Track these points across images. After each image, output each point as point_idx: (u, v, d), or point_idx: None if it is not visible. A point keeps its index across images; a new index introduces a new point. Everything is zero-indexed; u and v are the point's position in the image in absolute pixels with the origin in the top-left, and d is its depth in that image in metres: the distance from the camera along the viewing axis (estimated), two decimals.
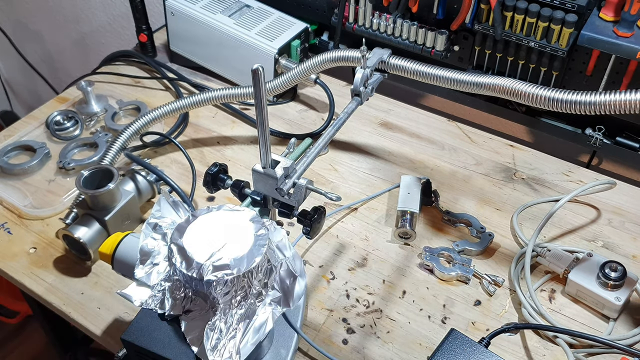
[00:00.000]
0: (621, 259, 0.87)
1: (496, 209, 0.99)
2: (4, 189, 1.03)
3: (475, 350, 0.69)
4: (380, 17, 1.14)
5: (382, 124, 1.17)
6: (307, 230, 0.70)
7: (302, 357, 0.79)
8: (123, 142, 1.00)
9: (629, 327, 0.82)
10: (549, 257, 0.87)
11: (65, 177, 1.05)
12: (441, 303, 0.85)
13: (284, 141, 1.13)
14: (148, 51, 1.33)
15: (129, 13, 1.45)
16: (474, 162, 1.08)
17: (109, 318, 0.84)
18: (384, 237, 0.95)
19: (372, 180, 1.05)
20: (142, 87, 1.27)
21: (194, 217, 0.67)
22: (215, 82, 1.27)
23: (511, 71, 1.09)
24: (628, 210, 0.98)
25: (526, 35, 1.01)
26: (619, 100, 0.72)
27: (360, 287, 0.87)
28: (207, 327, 0.63)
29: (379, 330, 0.82)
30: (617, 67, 0.99)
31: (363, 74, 0.86)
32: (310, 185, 0.71)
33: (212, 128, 1.17)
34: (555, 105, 0.78)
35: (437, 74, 0.88)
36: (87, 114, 1.17)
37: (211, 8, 1.22)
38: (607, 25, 0.92)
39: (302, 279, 0.67)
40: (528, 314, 0.82)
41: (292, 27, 1.19)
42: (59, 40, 2.09)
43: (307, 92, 1.25)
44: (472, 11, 1.04)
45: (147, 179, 0.97)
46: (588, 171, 1.06)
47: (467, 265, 0.88)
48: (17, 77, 2.39)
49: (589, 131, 1.07)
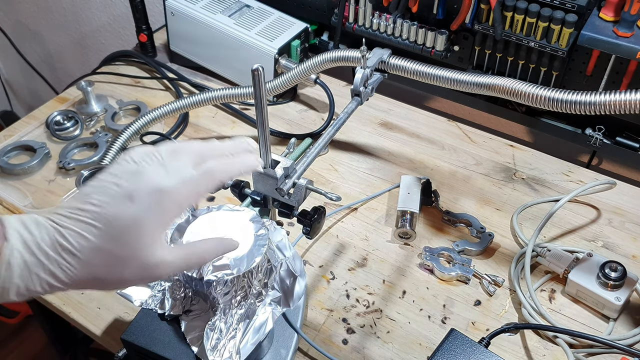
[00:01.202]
0: (621, 259, 0.87)
1: (496, 209, 0.99)
2: (4, 189, 1.03)
3: (475, 350, 0.69)
4: (380, 17, 1.14)
5: (382, 124, 1.17)
6: (307, 230, 0.70)
7: (302, 357, 0.79)
8: (123, 142, 1.00)
9: (629, 327, 0.82)
10: (549, 257, 0.87)
11: (65, 177, 1.05)
12: (441, 303, 0.85)
13: (284, 141, 1.13)
14: (148, 51, 1.33)
15: (129, 13, 1.45)
16: (474, 162, 1.08)
17: (109, 318, 0.84)
18: (384, 237, 0.95)
19: (372, 180, 1.05)
20: (142, 87, 1.27)
21: (194, 217, 0.67)
22: (215, 82, 1.27)
23: (511, 71, 1.09)
24: (628, 210, 0.98)
25: (526, 35, 1.01)
26: (619, 100, 0.72)
27: (360, 287, 0.87)
28: (207, 327, 0.64)
29: (379, 330, 0.82)
30: (617, 67, 0.99)
31: (363, 74, 0.86)
32: (310, 185, 0.71)
33: (212, 128, 1.17)
34: (555, 105, 0.78)
35: (437, 74, 0.88)
36: (87, 114, 1.17)
37: (211, 8, 1.22)
38: (607, 25, 0.92)
39: (302, 279, 0.67)
40: (528, 314, 0.82)
41: (292, 27, 1.19)
42: (59, 40, 2.09)
43: (307, 92, 1.25)
44: (472, 11, 1.04)
45: None
46: (588, 171, 1.06)
47: (467, 265, 0.88)
48: (17, 77, 2.39)
49: (589, 131, 1.07)
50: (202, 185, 0.51)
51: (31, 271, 0.46)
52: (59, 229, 0.47)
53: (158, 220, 0.48)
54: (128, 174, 0.49)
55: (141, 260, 0.48)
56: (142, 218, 0.47)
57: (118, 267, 0.48)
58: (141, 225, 0.47)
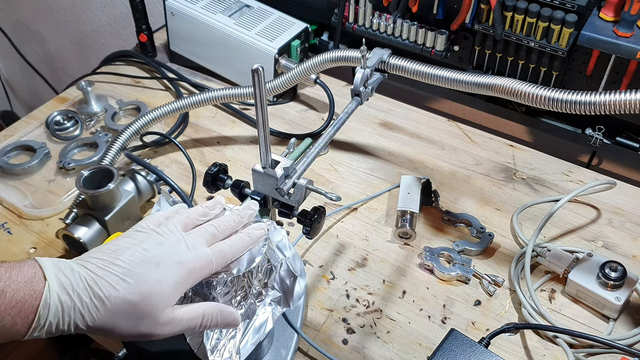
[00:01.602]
0: (621, 259, 0.87)
1: (496, 209, 0.99)
2: (4, 189, 1.03)
3: (475, 350, 0.69)
4: (380, 17, 1.14)
5: (382, 124, 1.17)
6: (307, 230, 0.70)
7: (302, 357, 0.79)
8: (123, 142, 1.00)
9: (629, 327, 0.82)
10: (549, 257, 0.87)
11: (65, 177, 1.05)
12: (441, 303, 0.85)
13: (284, 141, 1.13)
14: (148, 51, 1.33)
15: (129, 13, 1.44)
16: (474, 162, 1.08)
17: None
18: (384, 237, 0.95)
19: (372, 180, 1.05)
20: (142, 87, 1.27)
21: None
22: (215, 82, 1.27)
23: (511, 71, 1.09)
24: (628, 210, 0.98)
25: (526, 35, 1.01)
26: (619, 100, 0.72)
27: (360, 287, 0.87)
28: None
29: (379, 330, 0.82)
30: (617, 67, 0.99)
31: (363, 74, 0.86)
32: (310, 185, 0.71)
33: (212, 128, 1.17)
34: (555, 105, 0.78)
35: (437, 74, 0.88)
36: (87, 114, 1.17)
37: (211, 8, 1.22)
38: (607, 25, 0.92)
39: (302, 279, 0.67)
40: (528, 314, 0.82)
41: (292, 27, 1.19)
42: (59, 40, 2.09)
43: (307, 92, 1.25)
44: (472, 11, 1.04)
45: (147, 179, 0.97)
46: (588, 171, 1.06)
47: (467, 265, 0.88)
48: (17, 77, 2.39)
49: (589, 131, 1.07)
50: (214, 263, 0.58)
51: (64, 312, 0.51)
52: (92, 277, 0.52)
53: (176, 286, 0.55)
54: (154, 243, 0.56)
55: (157, 315, 0.54)
56: (165, 281, 0.54)
57: (137, 320, 0.53)
58: (164, 287, 0.54)
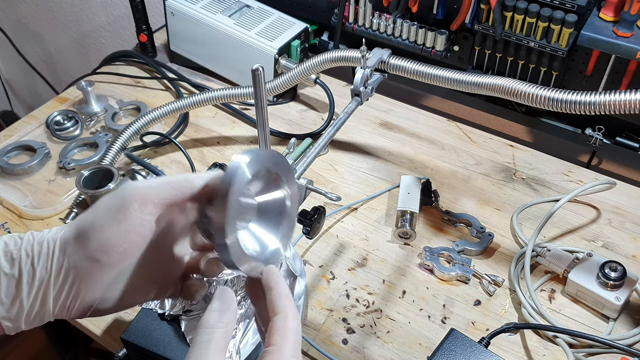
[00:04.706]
0: (621, 259, 0.87)
1: (496, 209, 0.99)
2: (4, 189, 1.03)
3: (475, 350, 0.69)
4: (380, 17, 1.14)
5: (382, 124, 1.17)
6: (307, 230, 0.70)
7: (302, 357, 0.79)
8: (123, 142, 1.00)
9: (629, 327, 0.82)
10: (549, 257, 0.87)
11: (65, 177, 1.05)
12: (441, 303, 0.85)
13: (284, 141, 1.13)
14: (148, 51, 1.33)
15: (129, 13, 1.45)
16: (474, 162, 1.08)
17: (109, 318, 0.84)
18: (384, 237, 0.95)
19: (372, 180, 1.05)
20: (142, 87, 1.27)
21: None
22: (215, 82, 1.27)
23: (511, 71, 1.09)
24: (628, 210, 0.98)
25: (526, 35, 1.01)
26: (619, 100, 0.73)
27: (360, 287, 0.87)
28: None
29: (379, 330, 0.82)
30: (617, 67, 0.99)
31: (363, 74, 0.86)
32: (310, 185, 0.71)
33: (212, 128, 1.17)
34: (555, 105, 0.78)
35: (437, 74, 0.88)
36: (87, 114, 1.17)
37: (211, 8, 1.22)
38: (607, 25, 0.92)
39: (302, 279, 0.67)
40: (528, 314, 0.82)
41: (292, 27, 1.19)
42: (59, 40, 2.09)
43: (307, 92, 1.25)
44: (472, 11, 1.04)
45: (147, 179, 0.97)
46: (588, 171, 1.06)
47: (467, 265, 0.88)
48: (17, 77, 2.39)
49: (589, 131, 1.07)
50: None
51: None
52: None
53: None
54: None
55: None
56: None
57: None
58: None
